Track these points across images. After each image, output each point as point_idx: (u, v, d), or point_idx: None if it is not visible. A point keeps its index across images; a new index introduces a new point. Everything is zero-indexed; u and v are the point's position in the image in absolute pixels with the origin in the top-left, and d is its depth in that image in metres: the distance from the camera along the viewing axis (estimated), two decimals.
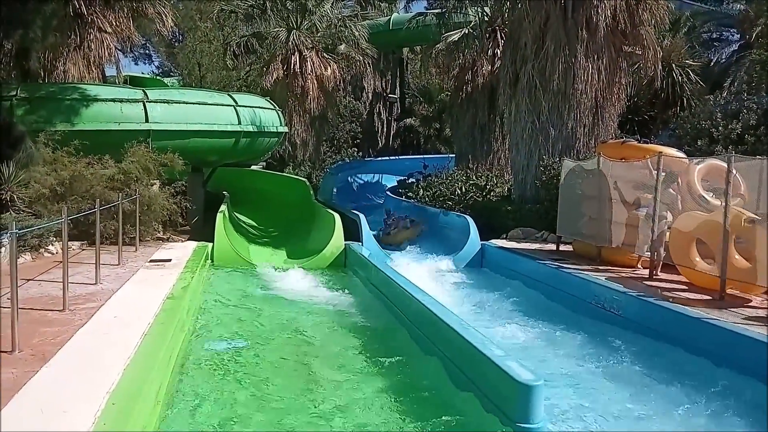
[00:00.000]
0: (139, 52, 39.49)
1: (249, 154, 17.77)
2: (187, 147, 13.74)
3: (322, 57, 23.29)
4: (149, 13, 17.93)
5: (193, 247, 11.58)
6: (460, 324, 6.26)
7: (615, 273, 9.60)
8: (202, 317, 8.08)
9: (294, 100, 22.65)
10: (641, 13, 14.07)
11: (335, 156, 30.13)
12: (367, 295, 9.73)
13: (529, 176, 14.66)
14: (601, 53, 13.85)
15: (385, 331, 7.78)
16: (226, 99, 16.12)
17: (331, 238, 12.27)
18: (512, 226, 13.98)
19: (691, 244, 8.63)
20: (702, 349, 6.46)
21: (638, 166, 9.89)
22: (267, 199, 18.61)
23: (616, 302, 8.18)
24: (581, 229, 11.26)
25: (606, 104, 14.20)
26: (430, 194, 17.80)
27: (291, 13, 23.25)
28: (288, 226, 15.97)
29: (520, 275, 10.80)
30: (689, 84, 20.28)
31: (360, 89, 33.21)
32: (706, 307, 7.36)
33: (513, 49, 15.04)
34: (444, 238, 14.00)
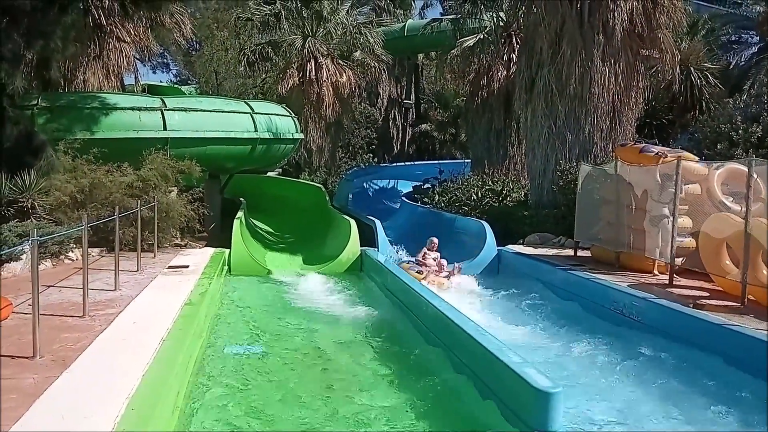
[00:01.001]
0: (157, 60, 39.94)
1: (265, 161, 17.88)
2: (204, 154, 13.87)
3: (338, 64, 23.40)
4: (167, 23, 18.16)
5: (211, 253, 11.67)
6: (477, 330, 6.22)
7: (634, 279, 9.49)
8: (220, 323, 8.12)
9: (309, 106, 22.77)
10: (658, 17, 13.96)
11: (351, 162, 30.21)
12: (382, 300, 9.72)
13: (545, 181, 14.57)
14: (618, 57, 13.75)
15: (401, 336, 7.76)
16: (243, 106, 16.26)
17: (347, 244, 12.29)
18: (529, 231, 13.89)
19: (721, 249, 8.48)
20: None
21: (653, 171, 9.76)
22: (283, 205, 18.71)
23: (635, 308, 8.08)
24: (599, 234, 11.16)
25: (623, 108, 14.07)
26: (446, 200, 17.76)
27: (306, 20, 23.41)
28: (304, 232, 16.03)
29: (538, 281, 10.71)
30: (708, 87, 20.04)
31: (375, 95, 33.30)
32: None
33: (529, 53, 14.99)
34: (460, 244, 13.94)
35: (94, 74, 16.90)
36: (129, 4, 13.93)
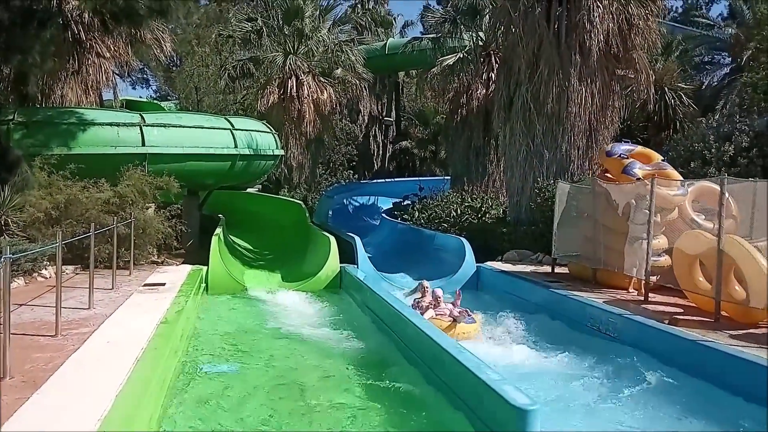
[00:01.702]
0: (137, 76, 39.84)
1: (245, 177, 17.81)
2: (183, 170, 13.78)
3: (319, 81, 23.48)
4: (148, 38, 18.10)
5: (188, 270, 11.54)
6: (456, 347, 6.24)
7: (610, 295, 9.59)
8: (197, 342, 8.02)
9: (290, 123, 22.77)
10: (633, 38, 14.27)
11: (331, 179, 30.21)
12: (362, 318, 9.69)
13: (524, 198, 14.72)
14: (594, 77, 14.02)
15: (378, 353, 7.73)
16: (223, 122, 16.21)
17: (327, 261, 12.26)
18: (508, 248, 14.00)
19: (695, 266, 8.62)
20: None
21: (628, 191, 9.92)
22: (262, 221, 18.60)
23: (612, 325, 8.16)
24: (576, 251, 11.28)
25: (600, 127, 14.32)
26: (426, 216, 17.83)
27: (288, 38, 23.50)
28: (283, 249, 15.95)
29: (516, 297, 10.78)
30: (682, 107, 20.51)
31: (356, 112, 33.44)
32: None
33: (507, 73, 15.22)
34: (440, 261, 13.99)
35: (72, 89, 16.73)
36: (109, 20, 13.87)
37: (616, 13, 13.94)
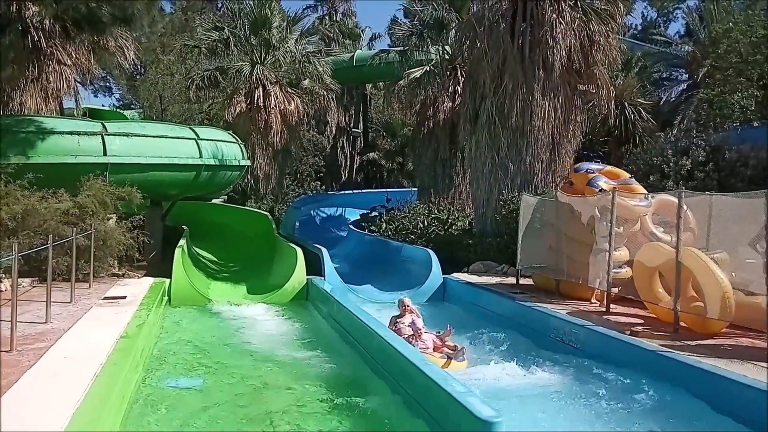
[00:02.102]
0: (100, 84, 38.97)
1: (210, 188, 17.59)
2: (146, 180, 13.53)
3: (286, 91, 23.40)
4: (111, 46, 17.77)
5: (150, 283, 11.32)
6: (422, 360, 6.26)
7: (573, 306, 9.75)
8: (158, 356, 7.85)
9: (257, 133, 22.61)
10: (594, 54, 14.66)
11: (298, 189, 30.05)
12: (328, 331, 9.63)
13: (489, 210, 14.90)
14: (557, 91, 14.34)
15: (344, 367, 7.69)
16: (188, 132, 16.00)
17: (293, 273, 12.18)
18: (473, 259, 14.13)
19: (654, 278, 8.83)
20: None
21: (592, 203, 10.14)
22: (228, 233, 18.38)
23: (575, 336, 8.29)
24: (540, 263, 11.45)
25: (562, 140, 14.64)
26: (393, 228, 17.89)
27: (255, 48, 23.39)
28: (249, 261, 15.78)
29: (482, 309, 10.87)
30: (641, 121, 21.08)
31: (324, 123, 33.40)
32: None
33: (472, 86, 15.45)
34: (406, 272, 14.03)
35: (31, 97, 16.30)
36: (71, 27, 13.58)
37: (577, 29, 14.31)
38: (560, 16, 14.12)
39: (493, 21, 14.83)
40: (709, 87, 21.24)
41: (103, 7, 12.05)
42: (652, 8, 43.01)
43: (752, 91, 20.34)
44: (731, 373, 6.11)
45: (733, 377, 6.01)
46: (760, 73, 19.42)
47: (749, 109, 20.53)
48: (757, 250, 7.39)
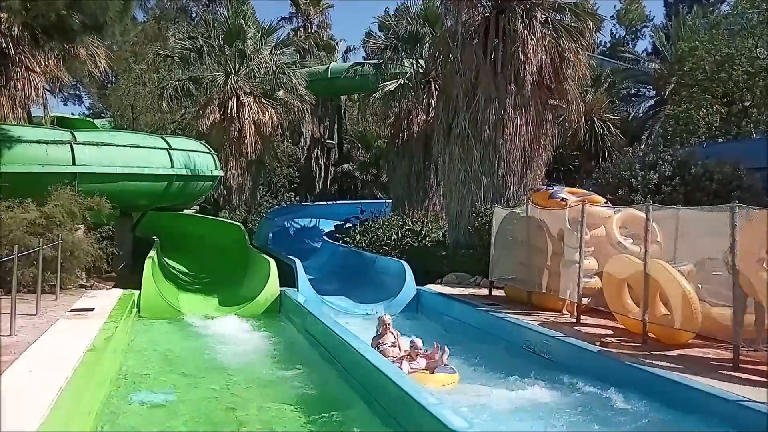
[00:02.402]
0: (69, 92, 38.35)
1: (182, 198, 17.40)
2: (116, 190, 13.34)
3: (260, 102, 23.32)
4: (81, 54, 17.50)
5: (119, 295, 11.11)
6: (395, 372, 6.27)
7: (544, 318, 9.86)
8: (126, 370, 7.69)
9: (230, 144, 22.46)
10: (565, 70, 14.96)
11: (272, 200, 29.88)
12: (301, 342, 9.56)
13: (462, 222, 15.02)
14: (528, 106, 14.57)
15: (318, 379, 7.64)
16: (159, 142, 15.84)
17: (266, 285, 12.07)
18: (447, 271, 14.20)
19: (623, 289, 8.98)
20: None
21: (562, 215, 10.30)
22: (200, 244, 18.16)
23: (546, 347, 8.39)
24: (512, 275, 11.57)
25: (534, 154, 14.87)
26: (367, 239, 17.89)
27: (229, 58, 23.30)
28: (221, 273, 15.60)
29: (455, 320, 10.92)
30: (610, 136, 21.54)
31: (298, 134, 33.32)
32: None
33: (446, 100, 15.62)
34: (380, 284, 14.03)
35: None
36: (41, 34, 13.34)
37: (548, 46, 14.60)
38: (531, 32, 14.40)
39: (466, 36, 15.06)
40: (675, 103, 21.87)
41: (74, 15, 11.86)
42: (620, 26, 44.17)
43: (717, 108, 21.02)
44: (697, 383, 6.24)
45: (699, 387, 6.14)
46: (724, 91, 20.10)
47: (714, 125, 21.19)
48: (728, 263, 7.55)
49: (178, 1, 37.94)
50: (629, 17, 43.50)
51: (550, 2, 14.89)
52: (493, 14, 14.95)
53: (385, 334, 8.01)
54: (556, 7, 15.08)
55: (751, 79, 19.01)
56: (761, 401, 5.62)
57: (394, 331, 8.14)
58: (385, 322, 8.16)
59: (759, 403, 5.56)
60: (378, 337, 8.03)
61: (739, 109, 20.56)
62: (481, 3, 15.43)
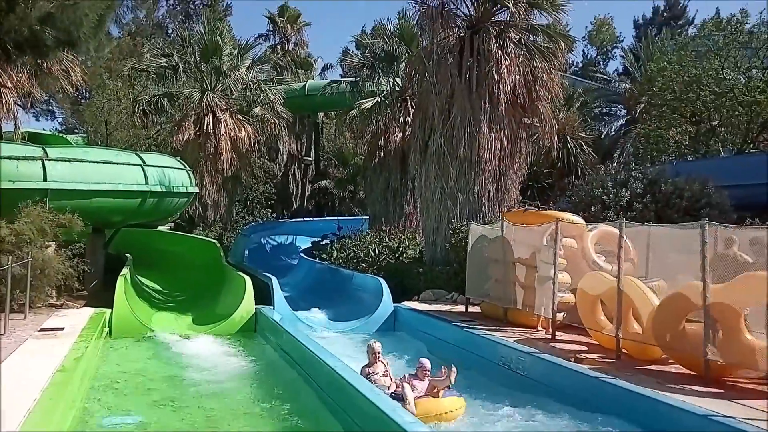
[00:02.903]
0: (42, 107, 37.79)
1: (156, 215, 17.18)
2: (89, 207, 13.12)
3: (237, 118, 23.27)
4: (55, 69, 17.30)
5: (90, 314, 10.90)
6: (371, 390, 6.24)
7: (520, 334, 9.92)
8: (97, 391, 7.53)
9: (206, 160, 22.33)
10: (538, 89, 15.24)
11: (248, 217, 29.67)
12: (277, 361, 9.47)
13: (439, 239, 15.10)
14: (503, 124, 14.80)
15: (294, 399, 7.56)
16: (133, 158, 15.66)
17: (241, 302, 11.95)
18: (424, 287, 14.24)
19: (597, 306, 9.09)
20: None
21: (537, 231, 10.43)
22: (174, 261, 17.94)
23: (521, 363, 8.43)
24: (488, 291, 11.64)
25: (508, 172, 15.07)
26: (344, 256, 17.87)
27: (205, 74, 23.24)
28: (196, 291, 15.42)
29: (432, 337, 10.93)
30: (583, 154, 21.93)
31: (275, 151, 33.25)
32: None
33: (422, 118, 15.78)
34: (358, 301, 13.99)
35: None
36: (12, 49, 13.16)
37: (522, 66, 14.88)
38: (505, 52, 14.66)
39: (441, 55, 15.26)
40: (645, 122, 22.40)
41: (48, 30, 11.73)
42: (591, 47, 45.22)
43: (685, 127, 21.60)
44: (668, 397, 6.33)
45: (670, 402, 6.22)
46: (693, 110, 20.65)
47: (683, 143, 21.76)
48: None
49: (154, 17, 37.76)
50: (600, 38, 44.61)
51: (523, 23, 15.17)
52: (468, 34, 15.21)
53: (374, 363, 7.40)
54: (529, 28, 15.38)
55: (718, 99, 19.55)
56: (730, 415, 5.72)
57: (384, 360, 7.54)
58: (374, 350, 7.47)
59: (728, 418, 5.67)
60: (367, 366, 7.41)
61: (707, 128, 21.12)
62: (456, 23, 15.68)
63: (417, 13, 15.88)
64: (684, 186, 13.83)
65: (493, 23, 15.26)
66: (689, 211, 13.14)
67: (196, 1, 40.65)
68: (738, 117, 19.61)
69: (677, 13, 40.94)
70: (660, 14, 41.43)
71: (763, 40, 19.81)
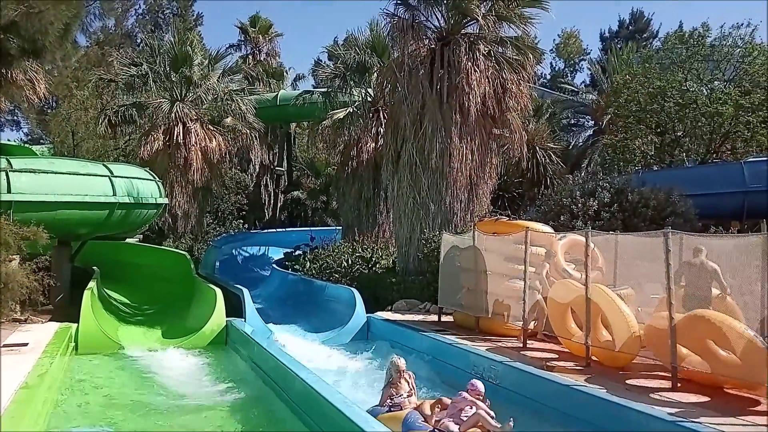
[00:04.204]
0: (6, 118, 36.89)
1: (125, 227, 16.86)
2: (54, 219, 12.80)
3: (207, 129, 23.05)
4: (19, 79, 16.93)
5: (55, 328, 10.66)
6: (344, 402, 6.21)
7: (492, 343, 9.99)
8: (63, 407, 7.34)
9: (176, 171, 22.05)
10: (507, 101, 15.46)
11: (219, 228, 29.36)
12: (248, 375, 9.36)
13: (411, 249, 15.16)
14: (473, 135, 14.98)
15: (267, 411, 7.49)
16: (101, 169, 15.35)
17: (212, 315, 11.79)
18: (397, 297, 14.26)
19: (567, 314, 9.22)
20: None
21: (509, 241, 10.55)
22: (143, 274, 17.62)
23: (493, 371, 8.49)
24: (460, 301, 11.70)
25: (479, 182, 15.24)
26: (317, 267, 17.79)
27: (175, 84, 22.99)
28: (166, 304, 15.17)
29: (405, 347, 10.92)
30: (551, 164, 22.27)
31: (247, 161, 33.02)
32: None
33: (394, 128, 15.88)
34: (331, 312, 13.93)
35: None
36: None
37: (491, 77, 15.09)
38: (475, 64, 14.86)
39: (412, 67, 15.40)
40: (612, 133, 22.85)
41: (12, 39, 11.50)
42: (559, 59, 46.13)
43: (651, 138, 22.09)
44: (637, 404, 6.44)
45: (638, 408, 6.33)
46: (658, 121, 21.13)
47: (649, 153, 22.24)
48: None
49: (123, 26, 37.27)
50: (567, 51, 45.55)
51: (492, 36, 15.40)
52: (438, 46, 15.38)
53: (398, 382, 6.58)
54: (499, 40, 15.61)
55: (682, 111, 20.06)
56: (697, 420, 5.84)
57: (409, 376, 6.72)
58: (399, 368, 6.65)
59: (694, 422, 5.78)
60: (389, 386, 6.59)
61: (671, 139, 21.62)
62: (427, 35, 15.84)
63: (388, 25, 16.02)
64: (650, 195, 14.13)
65: (463, 35, 15.47)
66: (655, 219, 13.42)
67: (166, 10, 40.26)
68: (701, 128, 20.13)
69: (642, 27, 42.12)
70: (625, 27, 42.56)
71: (723, 54, 20.41)
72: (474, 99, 14.60)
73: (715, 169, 18.94)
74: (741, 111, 18.95)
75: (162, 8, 40.34)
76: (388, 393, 6.63)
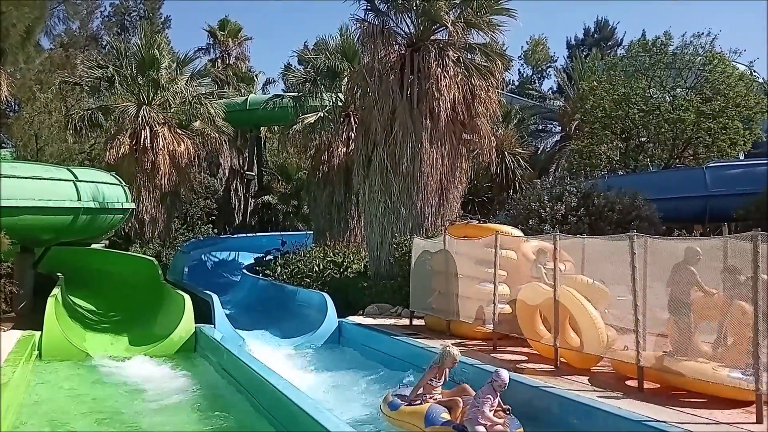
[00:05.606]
0: None
1: (90, 232, 16.51)
2: (16, 225, 12.47)
3: (175, 132, 22.69)
4: None
5: (18, 337, 10.36)
6: (315, 408, 6.19)
7: (463, 346, 10.06)
8: (24, 420, 7.14)
9: (143, 175, 21.65)
10: (477, 106, 15.62)
11: (188, 233, 28.92)
12: (218, 382, 9.25)
13: (383, 253, 15.20)
14: (443, 140, 15.10)
15: (237, 419, 7.41)
16: (65, 173, 15.01)
17: (180, 322, 11.63)
18: (369, 302, 14.26)
19: (535, 316, 9.35)
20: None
21: (480, 244, 10.66)
22: (109, 280, 17.27)
23: (464, 374, 8.55)
24: (431, 304, 11.77)
25: (450, 186, 15.37)
26: (288, 272, 17.69)
27: (142, 87, 22.62)
28: (133, 310, 14.90)
29: (376, 351, 10.95)
30: (520, 169, 22.62)
31: (216, 165, 32.65)
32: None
33: (365, 133, 15.90)
34: (302, 317, 13.86)
35: None
36: None
37: (461, 83, 15.24)
38: (444, 70, 15.00)
39: (382, 72, 15.45)
40: (578, 139, 23.30)
41: None
42: (527, 66, 46.86)
43: (616, 143, 22.60)
44: (605, 404, 6.57)
45: (606, 408, 6.46)
46: (623, 127, 21.62)
47: (614, 159, 22.73)
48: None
49: (88, 28, 36.54)
50: (535, 58, 46.30)
51: (461, 42, 15.57)
52: (408, 52, 15.47)
53: (445, 371, 6.77)
54: (467, 46, 15.78)
55: (646, 117, 20.57)
56: (662, 420, 5.99)
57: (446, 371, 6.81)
58: (455, 358, 6.85)
59: (660, 422, 5.92)
60: (432, 372, 6.72)
61: (636, 144, 22.15)
62: (397, 41, 15.93)
63: (358, 30, 16.06)
64: (615, 199, 14.45)
65: (432, 42, 15.59)
66: (621, 223, 13.72)
67: (133, 13, 39.65)
68: (664, 134, 20.67)
69: (607, 35, 43.10)
70: (591, 35, 43.48)
71: (685, 62, 21.01)
72: (444, 104, 14.73)
73: (678, 174, 19.48)
74: (702, 117, 19.54)
75: (128, 10, 39.73)
76: (427, 378, 6.70)
